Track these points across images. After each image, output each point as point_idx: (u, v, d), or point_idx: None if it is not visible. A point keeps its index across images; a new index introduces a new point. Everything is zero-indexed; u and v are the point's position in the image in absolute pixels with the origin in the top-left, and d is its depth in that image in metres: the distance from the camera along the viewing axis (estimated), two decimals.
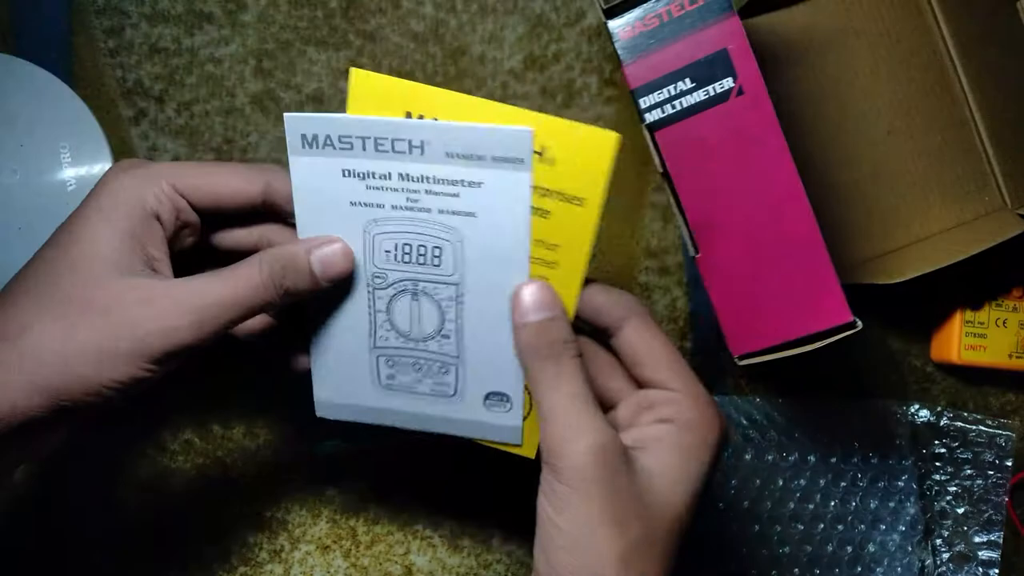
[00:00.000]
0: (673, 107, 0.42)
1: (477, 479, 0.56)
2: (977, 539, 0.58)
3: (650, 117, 0.43)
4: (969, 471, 0.58)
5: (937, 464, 0.58)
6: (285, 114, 0.38)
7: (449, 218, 0.39)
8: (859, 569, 0.57)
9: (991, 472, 0.58)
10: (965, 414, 0.58)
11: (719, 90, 0.42)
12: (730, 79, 0.42)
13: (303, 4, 0.54)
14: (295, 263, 0.38)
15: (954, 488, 0.58)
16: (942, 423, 0.58)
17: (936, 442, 0.58)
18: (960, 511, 0.58)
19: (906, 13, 0.55)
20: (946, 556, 0.58)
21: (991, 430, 0.58)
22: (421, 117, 0.37)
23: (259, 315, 0.39)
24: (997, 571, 0.58)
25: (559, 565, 0.34)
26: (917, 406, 0.58)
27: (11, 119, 0.52)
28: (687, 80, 0.42)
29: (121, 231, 0.36)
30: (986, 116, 0.55)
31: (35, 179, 0.51)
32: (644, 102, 0.43)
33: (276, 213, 0.41)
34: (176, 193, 0.38)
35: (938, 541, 0.58)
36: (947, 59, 0.55)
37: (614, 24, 0.43)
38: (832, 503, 0.57)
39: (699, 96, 0.42)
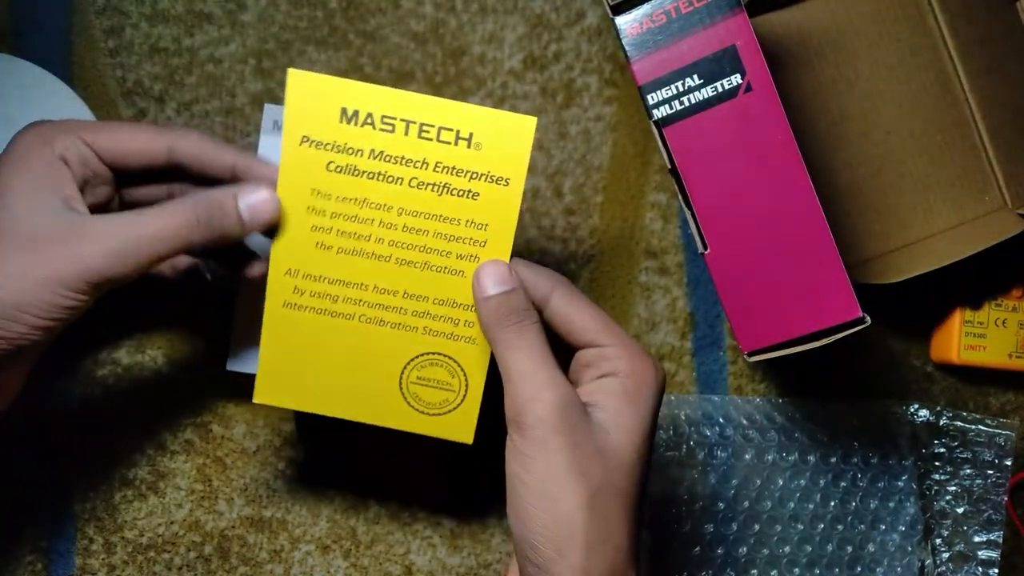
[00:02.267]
0: (681, 103, 0.42)
1: (477, 479, 0.56)
2: (977, 539, 0.58)
3: (658, 113, 0.43)
4: (969, 471, 0.58)
5: (937, 464, 0.58)
6: (266, 104, 0.50)
7: None
8: (859, 569, 0.57)
9: (991, 472, 0.58)
10: (965, 414, 0.58)
11: (727, 86, 0.42)
12: (738, 75, 0.42)
13: (303, 4, 0.54)
14: (223, 205, 0.40)
15: (954, 488, 0.58)
16: (942, 423, 0.58)
17: (936, 442, 0.58)
18: (960, 511, 0.58)
19: (906, 13, 0.55)
20: (946, 556, 0.58)
21: (991, 430, 0.58)
22: (356, 112, 0.41)
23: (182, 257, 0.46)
24: (997, 571, 0.58)
25: (530, 520, 0.37)
26: (917, 406, 0.58)
27: (11, 119, 0.52)
28: (695, 76, 0.42)
29: (35, 174, 0.38)
30: (986, 116, 0.55)
31: None
32: (652, 98, 0.43)
33: (183, 172, 0.43)
34: (85, 145, 0.40)
35: (938, 541, 0.58)
36: (947, 59, 0.55)
37: (621, 20, 0.42)
38: (832, 503, 0.57)
39: (707, 92, 0.42)
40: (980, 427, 0.58)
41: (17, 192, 0.38)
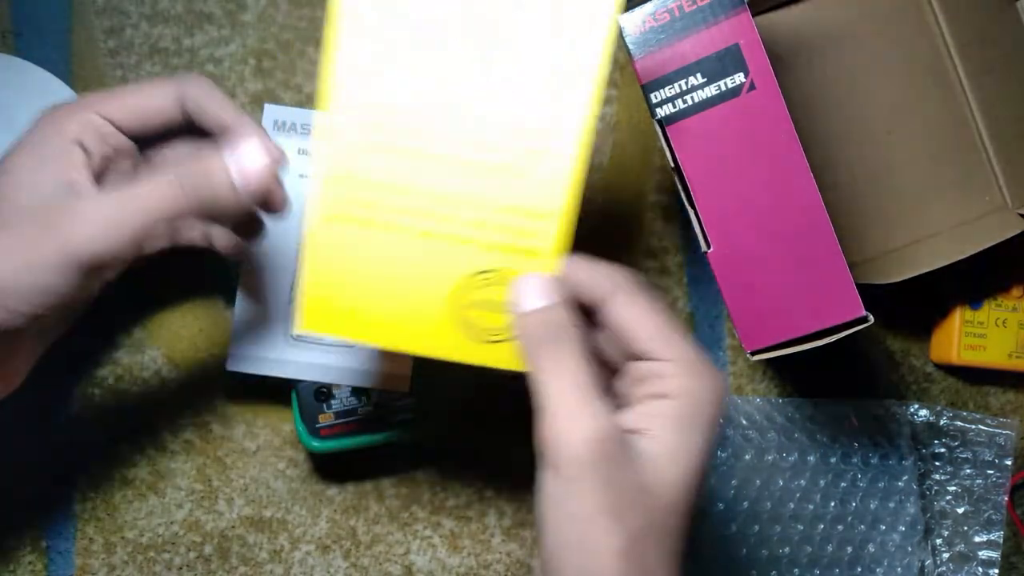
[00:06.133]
0: (684, 102, 0.43)
1: (477, 479, 0.56)
2: (977, 539, 0.58)
3: (661, 112, 0.43)
4: (969, 471, 0.58)
5: (937, 464, 0.58)
6: (265, 104, 0.51)
7: None
8: (859, 569, 0.57)
9: (991, 472, 0.58)
10: (965, 414, 0.58)
11: (731, 85, 0.42)
12: (741, 74, 0.42)
13: (303, 4, 0.54)
14: (208, 172, 0.38)
15: (954, 488, 0.58)
16: (942, 423, 0.58)
17: (936, 442, 0.58)
18: (960, 511, 0.58)
19: (906, 13, 0.55)
20: (946, 556, 0.58)
21: (991, 429, 0.58)
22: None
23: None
24: (997, 571, 0.58)
25: (560, 564, 0.33)
26: (917, 406, 0.58)
27: (11, 119, 0.52)
28: (698, 75, 0.42)
29: (40, 159, 0.37)
30: (986, 116, 0.55)
31: None
32: (655, 97, 0.43)
33: (198, 124, 0.41)
34: (102, 119, 0.39)
35: (938, 541, 0.58)
36: (947, 59, 0.55)
37: (624, 19, 0.43)
38: (832, 503, 0.57)
39: (711, 91, 0.42)
40: (980, 427, 0.58)
41: (16, 178, 0.37)
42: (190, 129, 0.42)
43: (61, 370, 0.53)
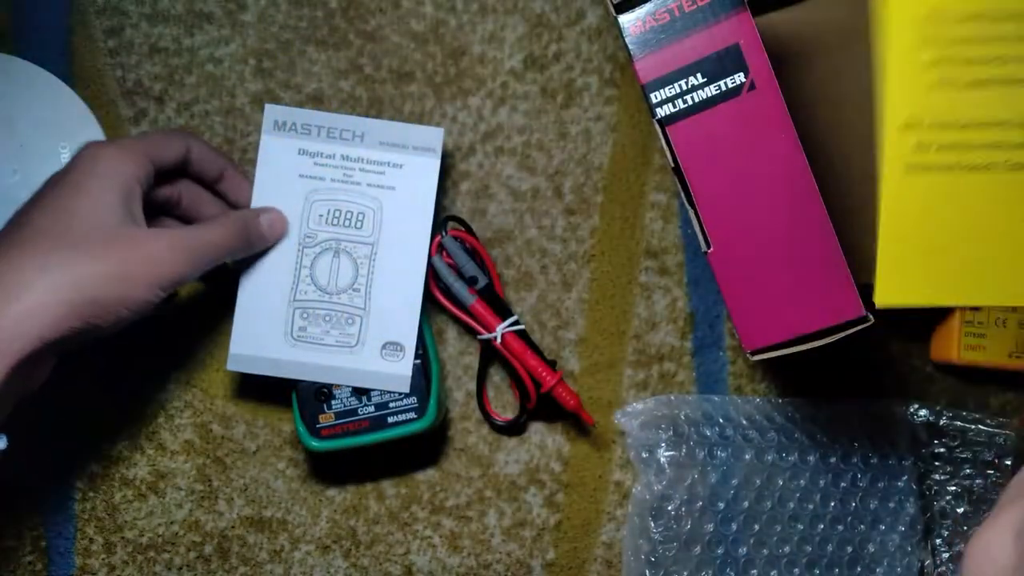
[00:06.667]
0: (684, 102, 0.43)
1: (477, 479, 0.56)
2: None
3: (661, 112, 0.43)
4: (969, 471, 0.58)
5: (937, 464, 0.58)
6: (265, 104, 0.51)
7: (375, 190, 0.51)
8: (859, 569, 0.57)
9: (991, 472, 0.58)
10: (964, 413, 0.58)
11: (731, 85, 0.42)
12: (741, 74, 0.42)
13: (303, 4, 0.54)
14: (252, 222, 0.49)
15: (954, 488, 0.58)
16: (942, 423, 0.58)
17: (936, 442, 0.58)
18: (960, 511, 0.58)
19: None
20: (946, 556, 0.58)
21: (991, 429, 0.58)
22: None
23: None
24: None
25: None
26: (917, 406, 0.58)
27: (11, 119, 0.52)
28: (698, 75, 0.42)
29: (118, 192, 0.43)
30: None
31: (35, 179, 0.51)
32: (655, 97, 0.43)
33: (189, 170, 0.49)
34: (150, 163, 0.45)
35: (938, 541, 0.58)
36: None
37: (624, 19, 0.43)
38: (832, 503, 0.57)
39: (711, 91, 0.42)
40: (980, 427, 0.58)
41: (83, 203, 0.42)
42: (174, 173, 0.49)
43: (60, 370, 0.53)
